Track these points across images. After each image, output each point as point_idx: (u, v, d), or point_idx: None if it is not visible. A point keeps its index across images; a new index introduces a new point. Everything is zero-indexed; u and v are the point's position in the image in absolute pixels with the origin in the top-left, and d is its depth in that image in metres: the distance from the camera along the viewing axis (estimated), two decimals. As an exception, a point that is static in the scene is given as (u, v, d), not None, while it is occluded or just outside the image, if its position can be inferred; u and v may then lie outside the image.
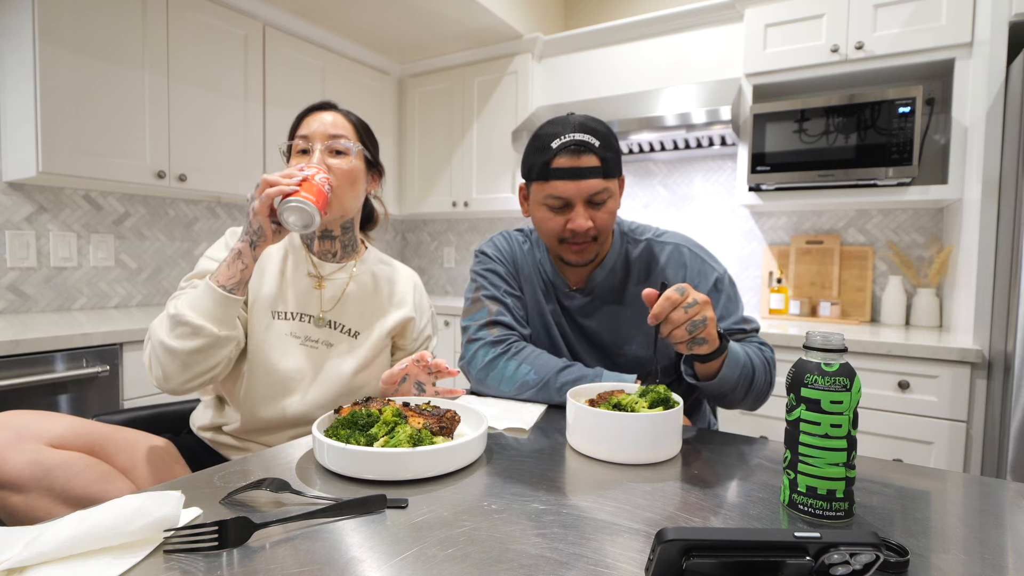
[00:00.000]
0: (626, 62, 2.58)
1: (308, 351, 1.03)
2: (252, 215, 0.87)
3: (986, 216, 1.67)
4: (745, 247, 2.56)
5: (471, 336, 1.08)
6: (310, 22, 2.61)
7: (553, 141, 0.98)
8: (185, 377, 0.89)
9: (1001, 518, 0.59)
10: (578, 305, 1.11)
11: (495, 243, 1.19)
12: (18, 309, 1.99)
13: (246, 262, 0.89)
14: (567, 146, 0.97)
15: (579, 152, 0.97)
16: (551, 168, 0.99)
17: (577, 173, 0.97)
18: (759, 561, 0.43)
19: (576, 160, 0.97)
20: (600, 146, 0.98)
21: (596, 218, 1.00)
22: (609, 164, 0.99)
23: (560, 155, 0.98)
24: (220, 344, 0.89)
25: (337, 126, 1.04)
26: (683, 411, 0.83)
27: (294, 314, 1.03)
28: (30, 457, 0.78)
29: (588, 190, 0.98)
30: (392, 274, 1.17)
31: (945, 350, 1.63)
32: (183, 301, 0.89)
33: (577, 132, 0.98)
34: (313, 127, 1.03)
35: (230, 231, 1.07)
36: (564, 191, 0.98)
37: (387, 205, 3.11)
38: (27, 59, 1.76)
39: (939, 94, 2.13)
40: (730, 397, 0.95)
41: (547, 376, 0.98)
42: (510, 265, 1.16)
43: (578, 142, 0.97)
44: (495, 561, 0.49)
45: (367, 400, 0.80)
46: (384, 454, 0.65)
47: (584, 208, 0.99)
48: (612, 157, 1.00)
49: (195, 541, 0.50)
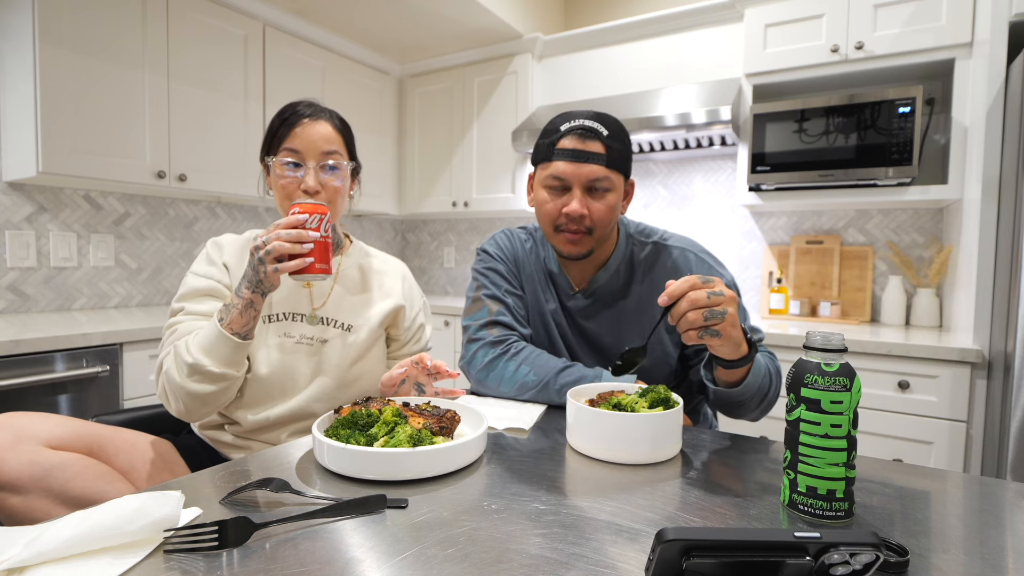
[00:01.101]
0: (626, 62, 2.58)
1: (305, 348, 1.03)
2: (262, 273, 0.86)
3: (986, 216, 1.67)
4: (745, 247, 2.56)
5: (471, 336, 1.08)
6: (310, 22, 2.61)
7: (563, 124, 1.00)
8: (206, 411, 0.94)
9: (1001, 518, 0.59)
10: (579, 306, 1.11)
11: (497, 241, 1.19)
12: (18, 309, 1.99)
13: (257, 308, 0.91)
14: (575, 129, 0.98)
15: (585, 136, 0.98)
16: (555, 148, 0.99)
17: (580, 156, 0.97)
18: (759, 561, 0.43)
19: (581, 143, 0.98)
20: (608, 136, 0.98)
21: (593, 208, 0.99)
22: (614, 156, 0.99)
23: (566, 137, 0.99)
24: (237, 382, 0.95)
25: (330, 141, 1.03)
26: (683, 411, 0.83)
27: (287, 315, 1.04)
28: (29, 458, 0.78)
29: (588, 175, 0.98)
30: (379, 265, 1.18)
31: (945, 350, 1.63)
32: (196, 347, 0.90)
33: (588, 119, 0.99)
34: (306, 141, 1.00)
35: (212, 243, 1.06)
36: (564, 172, 0.98)
37: (387, 205, 3.11)
38: (27, 59, 1.76)
39: (939, 94, 2.13)
40: (745, 407, 0.92)
41: (547, 377, 0.98)
42: (511, 263, 1.15)
43: (586, 127, 0.98)
44: (495, 561, 0.49)
45: (367, 400, 0.80)
46: (384, 454, 0.65)
47: (582, 194, 0.99)
48: (619, 151, 0.99)
49: (195, 541, 0.50)
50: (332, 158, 1.02)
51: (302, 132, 1.01)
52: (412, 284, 1.21)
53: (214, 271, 1.02)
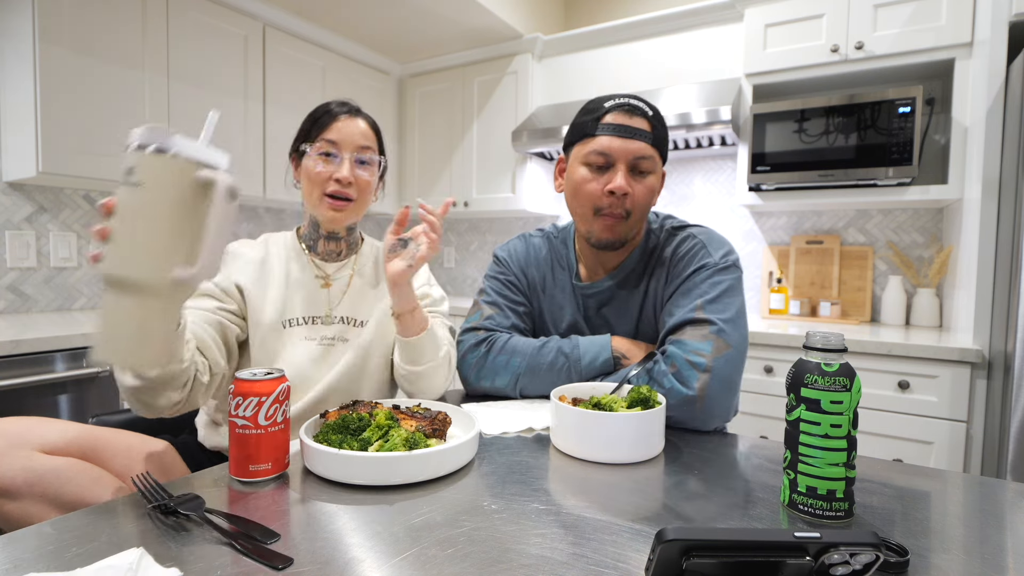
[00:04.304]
0: (626, 62, 2.58)
1: (325, 349, 1.04)
2: None
3: (986, 216, 1.67)
4: (745, 247, 2.56)
5: (459, 338, 1.10)
6: (310, 22, 2.61)
7: (607, 102, 0.97)
8: (150, 410, 0.82)
9: (1001, 518, 0.59)
10: (593, 302, 1.08)
11: (509, 248, 1.18)
12: (18, 309, 1.99)
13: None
14: (621, 105, 0.95)
15: (632, 112, 0.95)
16: (601, 123, 0.95)
17: (627, 131, 0.94)
18: (759, 561, 0.42)
19: (628, 118, 0.95)
20: (654, 116, 0.97)
21: (636, 190, 0.95)
22: (659, 136, 0.96)
23: (612, 112, 0.95)
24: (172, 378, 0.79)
25: (367, 137, 1.06)
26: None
27: (306, 319, 1.05)
28: (22, 464, 0.78)
29: (635, 151, 0.94)
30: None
31: (945, 350, 1.63)
32: None
33: (631, 98, 0.97)
34: (344, 133, 1.03)
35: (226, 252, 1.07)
36: (610, 147, 0.94)
37: (387, 205, 3.11)
38: (27, 59, 1.76)
39: (939, 94, 2.13)
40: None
41: (529, 358, 1.00)
42: (517, 269, 1.15)
43: (632, 104, 0.96)
44: (495, 561, 0.49)
45: (354, 403, 0.80)
46: (382, 459, 0.64)
47: (627, 172, 0.95)
48: (661, 134, 0.97)
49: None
50: (367, 152, 1.05)
51: (341, 126, 1.04)
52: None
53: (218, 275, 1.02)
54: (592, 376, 0.97)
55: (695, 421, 0.87)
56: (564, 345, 1.00)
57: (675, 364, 0.88)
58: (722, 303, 0.92)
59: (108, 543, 0.51)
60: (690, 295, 0.94)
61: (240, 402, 0.65)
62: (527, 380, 1.01)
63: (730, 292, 0.94)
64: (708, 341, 0.88)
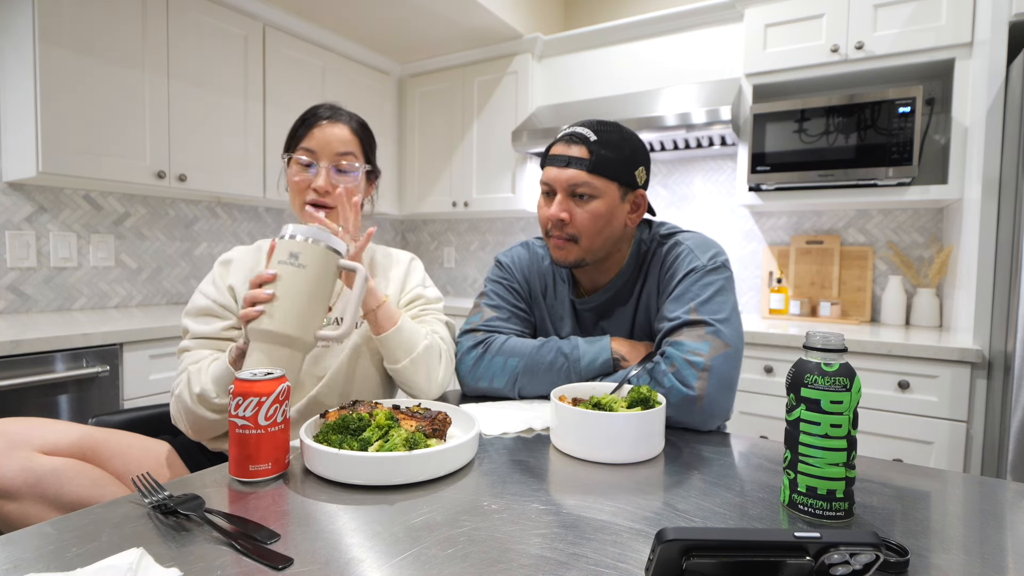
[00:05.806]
0: (626, 62, 2.58)
1: (320, 350, 1.04)
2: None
3: (986, 216, 1.67)
4: (745, 247, 2.56)
5: (456, 339, 1.11)
6: (310, 22, 2.61)
7: (560, 133, 1.02)
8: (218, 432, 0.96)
9: (1001, 518, 0.59)
10: (590, 314, 1.10)
11: (513, 254, 1.19)
12: (18, 309, 1.99)
13: None
14: (564, 136, 1.00)
15: (570, 141, 0.99)
16: (548, 154, 1.02)
17: (562, 160, 0.98)
18: (759, 561, 0.42)
19: (565, 148, 0.99)
20: (595, 142, 0.97)
21: (575, 214, 0.98)
22: (600, 162, 0.96)
23: (557, 143, 1.01)
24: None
25: (345, 143, 1.04)
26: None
27: None
28: (21, 465, 0.78)
29: (568, 179, 0.97)
30: (386, 262, 1.18)
31: (945, 350, 1.63)
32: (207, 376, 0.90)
33: (582, 126, 0.99)
34: (321, 141, 1.02)
35: (220, 264, 1.06)
36: (548, 176, 1.00)
37: (387, 205, 3.11)
38: (27, 59, 1.76)
39: (939, 94, 2.13)
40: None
41: (528, 358, 1.00)
42: (520, 276, 1.15)
43: (574, 133, 0.99)
44: (495, 561, 0.49)
45: (354, 404, 0.80)
46: (382, 459, 0.64)
47: (564, 199, 0.99)
48: (608, 158, 0.96)
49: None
50: (345, 159, 1.04)
51: (319, 133, 1.03)
52: (412, 270, 1.18)
53: (213, 292, 1.02)
54: (591, 377, 0.98)
55: (695, 421, 0.88)
56: (564, 346, 1.00)
57: (674, 364, 0.89)
58: (715, 303, 0.94)
59: (108, 543, 0.51)
60: (682, 299, 0.96)
61: (240, 402, 0.65)
62: (526, 380, 1.01)
63: (722, 292, 0.95)
64: (705, 341, 0.90)
